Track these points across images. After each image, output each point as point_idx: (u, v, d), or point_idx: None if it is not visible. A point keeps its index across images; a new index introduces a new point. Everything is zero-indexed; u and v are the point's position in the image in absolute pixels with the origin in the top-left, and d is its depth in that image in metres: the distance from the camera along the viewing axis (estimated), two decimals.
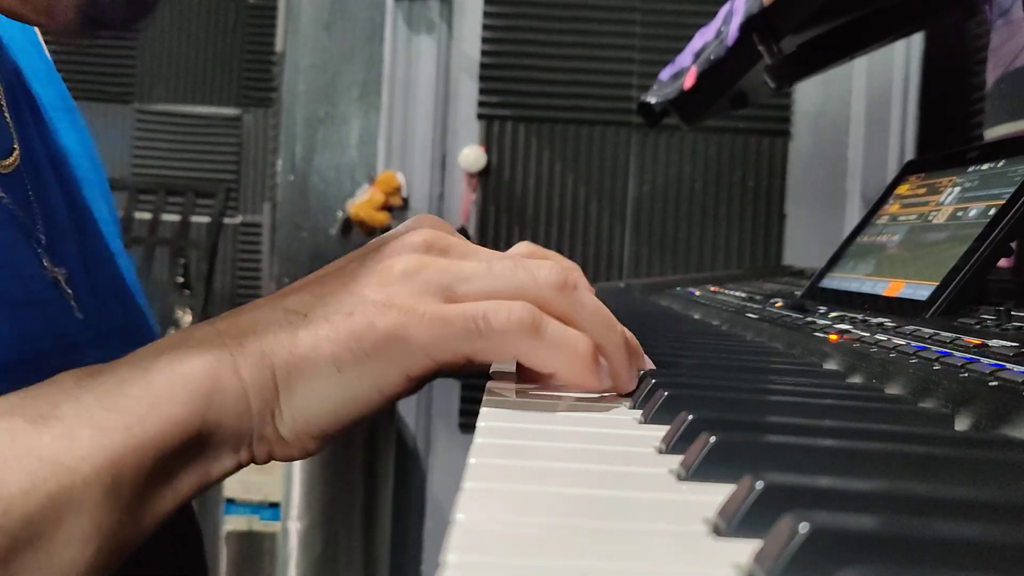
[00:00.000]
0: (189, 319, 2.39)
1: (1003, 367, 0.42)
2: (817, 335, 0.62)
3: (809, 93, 2.08)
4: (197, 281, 2.48)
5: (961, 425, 0.41)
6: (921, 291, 0.62)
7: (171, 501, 0.43)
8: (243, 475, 1.77)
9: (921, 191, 0.76)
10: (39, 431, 0.39)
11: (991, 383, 0.41)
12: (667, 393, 0.42)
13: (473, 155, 2.09)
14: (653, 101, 1.36)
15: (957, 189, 0.70)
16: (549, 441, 0.38)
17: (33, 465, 0.38)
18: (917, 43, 2.00)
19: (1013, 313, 0.55)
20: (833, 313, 0.69)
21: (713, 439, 0.33)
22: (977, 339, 0.49)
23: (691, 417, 0.37)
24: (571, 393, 0.47)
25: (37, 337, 0.48)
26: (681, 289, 1.20)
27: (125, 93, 3.12)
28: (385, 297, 0.44)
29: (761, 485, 0.27)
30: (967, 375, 0.43)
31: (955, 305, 0.59)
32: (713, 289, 1.11)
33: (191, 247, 2.59)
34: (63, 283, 0.52)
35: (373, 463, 1.98)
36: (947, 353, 0.48)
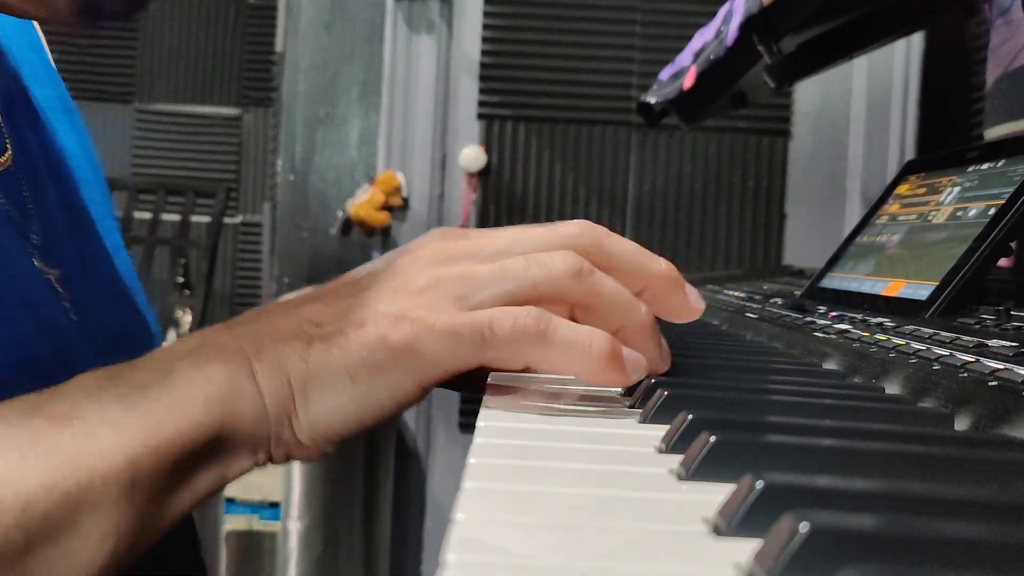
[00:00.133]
0: (189, 319, 2.39)
1: (1003, 367, 0.42)
2: (817, 335, 0.62)
3: (809, 93, 2.08)
4: (197, 281, 2.48)
5: (961, 425, 0.41)
6: (921, 291, 0.62)
7: (188, 501, 0.43)
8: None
9: (921, 191, 0.76)
10: (60, 430, 0.40)
11: (991, 383, 0.41)
12: (667, 393, 0.42)
13: (473, 155, 2.09)
14: (653, 101, 1.36)
15: (957, 189, 0.70)
16: (549, 441, 0.38)
17: (53, 463, 0.39)
18: (917, 43, 2.00)
19: (1013, 313, 0.55)
20: (833, 313, 0.69)
21: (713, 439, 0.33)
22: (977, 339, 0.49)
23: (691, 417, 0.37)
24: (571, 388, 0.47)
25: (30, 339, 0.48)
26: None
27: (125, 93, 3.12)
28: (398, 310, 0.44)
29: (761, 485, 0.27)
30: (967, 375, 0.43)
31: (955, 305, 0.59)
32: (712, 289, 1.11)
33: (191, 247, 2.58)
34: (56, 284, 0.52)
35: (373, 463, 1.98)
36: (947, 353, 0.48)
